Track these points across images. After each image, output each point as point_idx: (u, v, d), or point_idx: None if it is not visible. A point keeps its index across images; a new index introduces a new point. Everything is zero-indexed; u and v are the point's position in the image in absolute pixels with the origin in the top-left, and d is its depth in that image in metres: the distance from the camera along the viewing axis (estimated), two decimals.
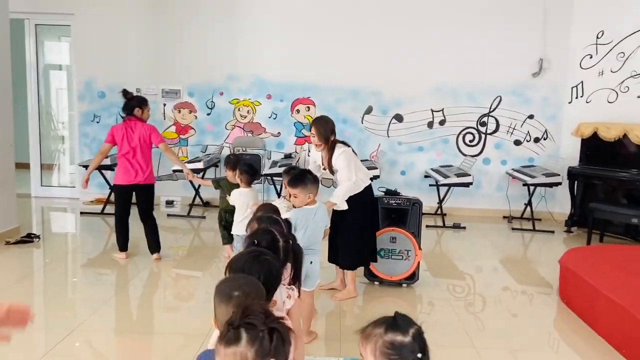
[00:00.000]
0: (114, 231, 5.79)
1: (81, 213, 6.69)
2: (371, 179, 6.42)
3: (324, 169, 3.97)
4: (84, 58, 7.25)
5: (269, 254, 1.98)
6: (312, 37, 7.04)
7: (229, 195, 4.51)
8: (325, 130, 3.79)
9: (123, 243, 4.93)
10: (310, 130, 3.87)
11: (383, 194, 4.35)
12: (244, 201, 4.31)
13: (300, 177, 3.28)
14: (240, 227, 4.26)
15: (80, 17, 7.14)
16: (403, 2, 6.99)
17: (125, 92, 4.88)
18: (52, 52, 9.01)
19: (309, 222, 3.22)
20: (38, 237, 5.37)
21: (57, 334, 3.30)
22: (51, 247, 5.37)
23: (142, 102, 4.86)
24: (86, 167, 6.59)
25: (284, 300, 2.17)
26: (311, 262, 3.17)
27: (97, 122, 7.34)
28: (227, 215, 4.77)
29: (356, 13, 7.02)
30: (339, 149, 3.82)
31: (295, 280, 2.30)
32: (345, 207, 3.82)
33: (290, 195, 3.30)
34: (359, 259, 4.09)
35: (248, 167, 4.43)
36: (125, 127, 4.77)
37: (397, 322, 1.37)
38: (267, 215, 2.64)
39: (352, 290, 4.09)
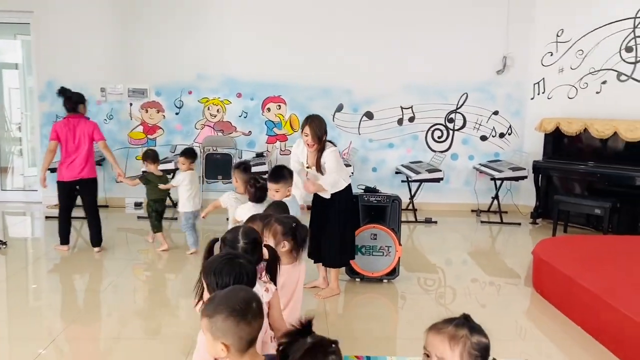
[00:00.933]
0: (80, 235, 5.69)
1: (46, 217, 6.45)
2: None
3: (309, 167, 3.98)
4: (46, 57, 6.98)
5: (243, 258, 1.99)
6: (283, 35, 7.02)
7: (158, 184, 5.23)
8: (319, 130, 3.83)
9: (64, 236, 5.10)
10: (302, 129, 3.87)
11: (362, 191, 4.40)
12: (191, 181, 5.15)
13: (280, 173, 3.60)
14: (187, 205, 5.10)
15: (40, 15, 6.88)
16: (373, 3, 7.06)
17: (64, 90, 5.04)
18: (6, 50, 8.65)
19: (293, 212, 3.31)
20: (4, 243, 5.16)
21: (35, 345, 3.20)
22: (19, 253, 5.18)
23: (83, 98, 5.09)
24: (51, 169, 6.38)
25: (262, 294, 2.20)
26: None
27: None
28: (156, 205, 5.32)
29: (327, 12, 7.04)
30: (329, 148, 3.88)
31: (270, 278, 2.30)
32: (329, 195, 3.92)
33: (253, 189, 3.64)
34: (343, 257, 4.14)
35: (192, 153, 5.28)
36: (67, 124, 4.93)
37: (474, 324, 1.45)
38: (285, 216, 2.72)
39: (336, 288, 4.14)
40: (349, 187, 4.06)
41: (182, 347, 3.12)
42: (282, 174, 3.57)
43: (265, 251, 2.30)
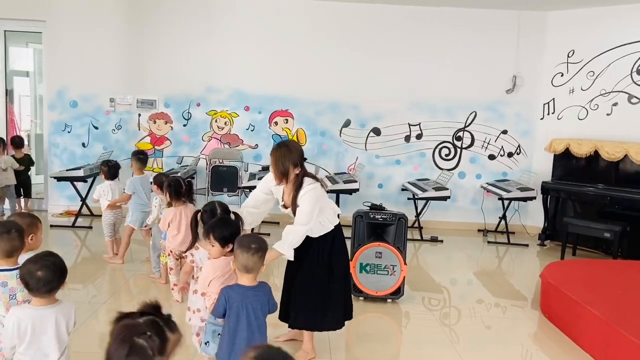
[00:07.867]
0: (84, 245, 5.68)
1: (51, 226, 6.43)
2: (350, 192, 6.45)
3: (284, 206, 3.16)
4: (56, 66, 7.03)
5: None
6: (292, 49, 7.04)
7: None
8: (283, 163, 2.97)
9: None
10: None
11: (368, 208, 4.35)
12: None
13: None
14: None
15: (52, 24, 6.94)
16: (383, 19, 7.06)
17: None
18: (18, 58, 8.72)
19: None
20: None
21: None
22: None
23: None
24: (58, 178, 6.41)
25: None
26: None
27: (69, 132, 7.13)
28: None
29: (336, 28, 7.07)
30: (307, 186, 3.02)
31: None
32: (291, 257, 3.06)
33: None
34: (325, 319, 3.27)
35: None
36: None
37: None
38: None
39: (311, 350, 3.31)
40: (337, 229, 3.24)
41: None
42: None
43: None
